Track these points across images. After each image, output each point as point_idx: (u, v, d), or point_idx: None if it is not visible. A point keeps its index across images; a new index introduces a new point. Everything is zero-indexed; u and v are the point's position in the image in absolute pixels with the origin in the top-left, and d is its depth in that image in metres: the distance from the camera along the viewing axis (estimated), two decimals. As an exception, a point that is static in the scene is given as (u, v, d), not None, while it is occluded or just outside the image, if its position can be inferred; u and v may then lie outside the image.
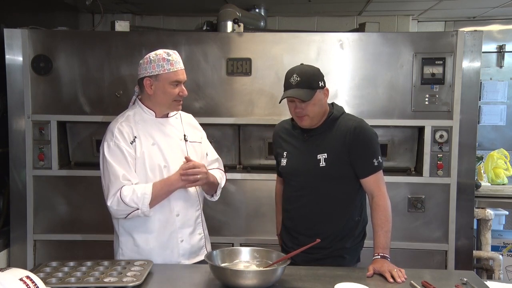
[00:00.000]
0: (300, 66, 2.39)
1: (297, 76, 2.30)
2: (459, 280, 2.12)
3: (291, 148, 2.46)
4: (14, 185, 3.56)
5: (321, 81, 2.36)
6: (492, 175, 4.17)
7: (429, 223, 3.51)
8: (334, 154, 2.33)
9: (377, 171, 2.36)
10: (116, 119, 2.50)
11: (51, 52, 3.50)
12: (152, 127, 2.47)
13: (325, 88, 2.37)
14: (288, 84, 2.33)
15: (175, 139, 2.51)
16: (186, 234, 2.48)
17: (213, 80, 3.51)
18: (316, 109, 2.33)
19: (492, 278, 3.78)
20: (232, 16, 3.65)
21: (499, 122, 5.14)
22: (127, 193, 2.32)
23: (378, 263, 2.21)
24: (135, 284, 2.01)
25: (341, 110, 2.47)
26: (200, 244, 2.56)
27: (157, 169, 2.42)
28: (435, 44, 3.44)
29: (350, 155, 2.33)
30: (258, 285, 2.00)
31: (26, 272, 1.62)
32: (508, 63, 5.14)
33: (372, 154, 2.35)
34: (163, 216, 2.43)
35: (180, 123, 2.58)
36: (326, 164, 2.33)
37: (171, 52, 2.45)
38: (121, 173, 2.34)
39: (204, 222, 2.62)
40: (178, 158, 2.46)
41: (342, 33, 3.54)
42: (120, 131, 2.41)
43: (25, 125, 3.51)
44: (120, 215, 2.39)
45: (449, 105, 3.45)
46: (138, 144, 2.42)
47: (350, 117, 2.44)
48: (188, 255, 2.50)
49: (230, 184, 3.20)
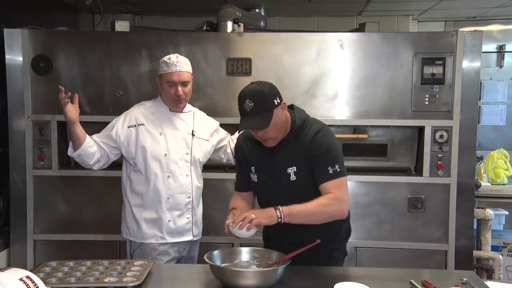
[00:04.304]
0: (252, 87, 2.21)
1: (250, 101, 2.16)
2: (459, 280, 2.12)
3: (258, 163, 2.37)
4: (14, 185, 3.56)
5: (276, 98, 2.21)
6: (492, 175, 4.17)
7: (429, 223, 3.51)
8: (302, 165, 2.27)
9: (333, 179, 2.23)
10: (136, 105, 2.93)
11: (51, 52, 3.50)
12: (163, 118, 2.82)
13: (282, 102, 2.24)
14: (243, 110, 2.20)
15: (183, 132, 2.83)
16: (174, 215, 2.80)
17: (213, 80, 3.52)
18: (278, 127, 2.23)
19: (492, 278, 3.78)
20: (232, 16, 3.65)
21: (499, 122, 5.14)
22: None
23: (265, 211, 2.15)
24: (135, 284, 2.01)
25: (303, 116, 2.35)
26: (186, 227, 2.84)
27: (157, 157, 2.76)
28: (435, 44, 3.44)
29: (310, 163, 2.26)
30: (258, 285, 2.00)
31: (26, 272, 1.62)
32: (508, 63, 5.14)
33: (328, 161, 2.23)
34: (156, 197, 2.78)
35: (192, 119, 2.89)
36: (296, 178, 2.27)
37: (173, 56, 2.76)
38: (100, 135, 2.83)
39: (196, 209, 2.88)
40: (180, 149, 2.81)
41: (342, 33, 3.54)
42: (126, 115, 2.85)
43: (25, 125, 3.52)
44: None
45: (449, 105, 3.45)
46: (141, 130, 2.78)
47: (311, 126, 2.30)
48: (174, 234, 2.81)
49: (230, 184, 3.20)
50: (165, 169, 2.76)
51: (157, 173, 2.76)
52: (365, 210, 3.52)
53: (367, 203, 3.53)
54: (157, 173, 2.76)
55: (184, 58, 2.80)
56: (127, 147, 2.79)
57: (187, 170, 2.81)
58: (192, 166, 2.83)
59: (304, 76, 3.50)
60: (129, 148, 2.78)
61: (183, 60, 2.76)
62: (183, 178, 2.80)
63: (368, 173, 3.58)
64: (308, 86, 3.50)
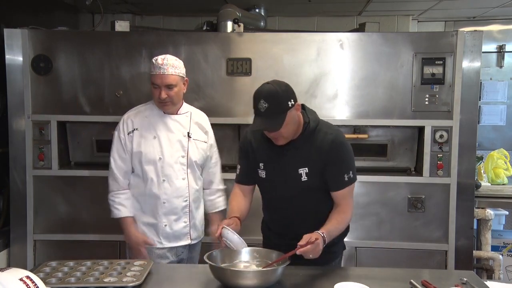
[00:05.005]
0: (268, 87, 2.17)
1: (265, 101, 2.14)
2: (459, 280, 2.12)
3: (268, 159, 2.37)
4: (14, 185, 3.56)
5: (290, 100, 2.19)
6: (492, 175, 4.17)
7: (429, 223, 3.51)
8: (314, 168, 2.28)
9: (347, 186, 2.29)
10: (129, 110, 2.86)
11: (51, 52, 3.50)
12: (157, 121, 2.77)
13: (296, 104, 2.22)
14: (257, 110, 2.18)
15: (178, 135, 2.77)
16: (170, 220, 2.78)
17: (213, 80, 3.52)
18: (290, 128, 2.22)
19: (492, 278, 3.78)
20: (232, 16, 3.65)
21: (499, 122, 5.14)
22: (112, 198, 2.80)
23: (314, 235, 2.12)
24: (135, 284, 2.01)
25: (316, 119, 2.34)
26: (184, 231, 2.82)
27: (152, 161, 2.73)
28: (435, 44, 3.44)
29: (325, 168, 2.28)
30: (258, 285, 1.99)
31: (26, 272, 1.62)
32: (508, 63, 5.14)
33: (345, 169, 2.28)
34: (153, 201, 2.76)
35: (189, 120, 2.83)
36: (308, 178, 2.28)
37: (160, 58, 2.67)
38: (121, 172, 2.78)
39: (195, 212, 2.85)
40: (175, 152, 2.75)
41: (342, 33, 3.54)
42: (123, 122, 2.79)
43: (25, 125, 3.52)
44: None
45: (449, 105, 3.45)
46: (136, 136, 2.75)
47: (326, 129, 2.31)
48: (170, 239, 2.79)
49: (230, 184, 3.18)
50: (160, 173, 2.73)
51: (152, 178, 2.73)
52: (365, 210, 3.52)
53: (367, 203, 3.53)
54: (152, 177, 2.73)
55: (173, 60, 2.69)
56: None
57: (183, 174, 2.77)
58: (188, 169, 2.79)
59: (304, 76, 3.50)
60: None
61: (170, 63, 2.66)
62: (179, 181, 2.76)
63: (368, 173, 3.58)
64: (308, 86, 3.50)
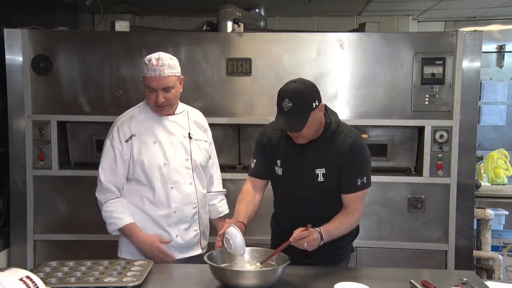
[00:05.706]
0: (294, 86, 2.14)
1: (289, 101, 2.11)
2: (459, 280, 2.11)
3: (286, 157, 2.34)
4: (14, 185, 3.56)
5: (315, 101, 2.16)
6: (492, 175, 4.17)
7: (429, 223, 3.50)
8: (332, 169, 2.28)
9: (358, 191, 2.28)
10: (121, 116, 2.60)
11: (51, 52, 3.50)
12: (155, 124, 2.54)
13: (320, 104, 2.20)
14: (280, 108, 2.16)
15: (179, 137, 2.57)
16: (181, 230, 2.57)
17: (213, 80, 3.52)
18: (312, 129, 2.21)
19: (492, 278, 3.78)
20: (232, 16, 3.65)
21: (499, 122, 5.14)
22: (107, 209, 2.52)
23: (310, 232, 2.08)
24: (135, 284, 2.01)
25: (337, 120, 2.33)
26: (194, 240, 2.63)
27: (156, 168, 2.50)
28: (435, 44, 3.44)
29: (341, 169, 2.28)
30: (258, 285, 1.99)
31: (26, 272, 1.62)
32: (508, 63, 5.14)
33: (359, 173, 2.27)
34: (162, 212, 2.52)
35: (187, 120, 2.62)
36: (324, 179, 2.28)
37: (154, 58, 2.43)
38: (111, 183, 2.52)
39: (202, 219, 2.66)
40: (179, 156, 2.54)
41: (342, 33, 3.54)
42: (117, 130, 2.52)
43: (25, 125, 3.52)
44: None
45: (449, 105, 3.45)
46: (135, 142, 2.50)
47: (347, 132, 2.30)
48: (182, 250, 2.59)
49: (230, 184, 3.19)
50: (167, 180, 2.50)
51: (159, 186, 2.49)
52: (365, 210, 3.43)
53: (367, 203, 3.48)
54: (159, 185, 2.49)
55: (168, 58, 2.46)
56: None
57: (189, 178, 2.56)
58: (194, 173, 2.58)
59: (304, 76, 3.39)
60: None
61: (165, 62, 2.43)
62: (187, 187, 2.55)
63: (368, 173, 3.57)
64: (308, 86, 3.49)
